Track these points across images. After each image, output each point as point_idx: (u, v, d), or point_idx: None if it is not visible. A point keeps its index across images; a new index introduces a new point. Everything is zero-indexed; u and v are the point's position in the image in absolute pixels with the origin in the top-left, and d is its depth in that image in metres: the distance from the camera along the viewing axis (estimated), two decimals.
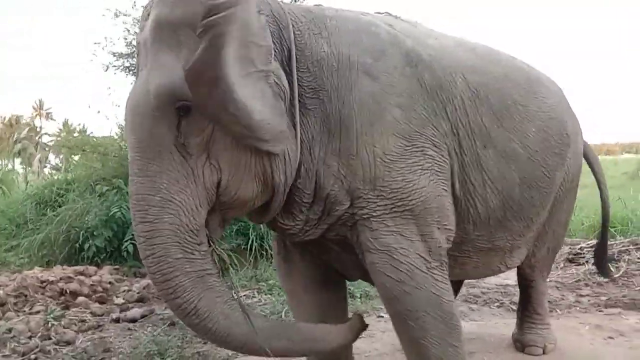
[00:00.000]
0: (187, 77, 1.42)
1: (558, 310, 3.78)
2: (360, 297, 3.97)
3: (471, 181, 1.95)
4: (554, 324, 3.43)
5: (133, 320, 3.50)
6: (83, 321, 3.48)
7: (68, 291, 3.94)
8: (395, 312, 1.83)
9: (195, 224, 1.53)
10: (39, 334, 3.15)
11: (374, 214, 1.73)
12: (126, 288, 4.32)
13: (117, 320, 3.51)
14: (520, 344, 2.80)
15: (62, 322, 3.35)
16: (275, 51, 1.63)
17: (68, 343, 3.08)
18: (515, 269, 2.69)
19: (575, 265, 5.13)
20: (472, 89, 1.97)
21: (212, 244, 1.60)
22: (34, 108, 39.07)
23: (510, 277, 4.79)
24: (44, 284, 3.95)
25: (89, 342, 3.09)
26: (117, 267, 4.82)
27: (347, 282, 2.30)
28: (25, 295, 3.73)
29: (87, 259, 4.82)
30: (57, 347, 3.02)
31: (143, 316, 3.59)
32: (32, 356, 2.86)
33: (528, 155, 2.12)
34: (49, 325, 3.26)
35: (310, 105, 1.70)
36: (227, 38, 1.44)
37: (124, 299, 4.09)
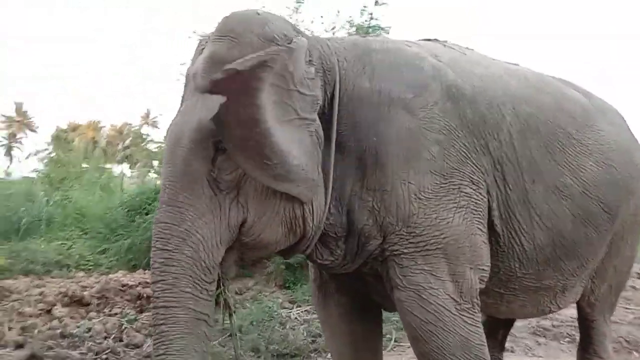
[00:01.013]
0: (217, 118, 1.45)
1: (636, 353, 3.47)
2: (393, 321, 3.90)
3: (516, 217, 1.88)
4: None
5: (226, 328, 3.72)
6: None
7: (145, 295, 4.26)
8: (421, 353, 1.79)
9: (211, 261, 1.53)
10: (113, 336, 3.45)
11: (405, 250, 1.72)
12: None
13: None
14: None
15: (135, 326, 3.64)
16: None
17: (137, 346, 3.34)
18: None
19: None
20: (521, 121, 1.90)
21: (222, 285, 1.62)
22: (141, 117, 42.45)
23: None
24: (125, 287, 4.30)
25: None
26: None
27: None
28: (107, 298, 4.09)
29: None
30: (126, 349, 3.29)
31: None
32: (104, 356, 3.14)
33: (583, 191, 1.99)
34: (123, 327, 3.56)
35: (348, 140, 1.72)
36: (265, 83, 1.48)
37: (234, 304, 4.33)
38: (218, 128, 1.48)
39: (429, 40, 2.18)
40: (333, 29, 6.75)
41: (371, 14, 6.20)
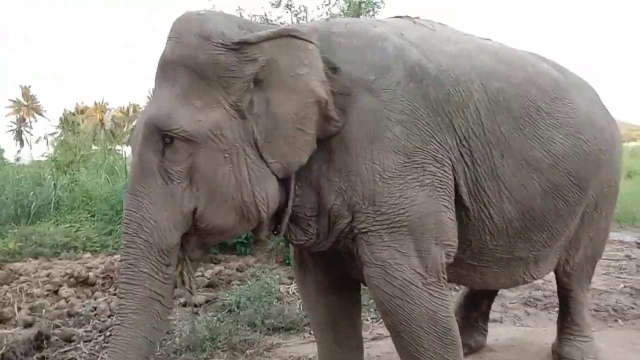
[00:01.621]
0: (165, 112, 1.65)
1: (620, 321, 3.56)
2: None
3: (485, 192, 1.95)
4: (613, 335, 3.28)
5: (196, 305, 3.87)
6: None
7: None
8: (390, 325, 1.90)
9: (166, 245, 1.64)
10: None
11: (372, 228, 1.80)
12: (199, 274, 4.73)
13: (184, 305, 3.90)
14: (557, 356, 2.72)
15: None
16: None
17: None
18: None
19: None
20: (490, 97, 1.94)
21: (183, 266, 1.75)
22: (147, 98, 42.53)
23: None
24: None
25: None
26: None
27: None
28: (111, 278, 4.23)
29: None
30: None
31: (207, 301, 3.96)
32: (107, 333, 3.29)
33: (553, 164, 2.05)
34: None
35: None
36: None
37: (196, 284, 4.49)
38: (167, 122, 1.62)
39: (400, 17, 2.22)
40: (327, 4, 6.75)
41: None
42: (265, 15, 6.55)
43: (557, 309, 3.83)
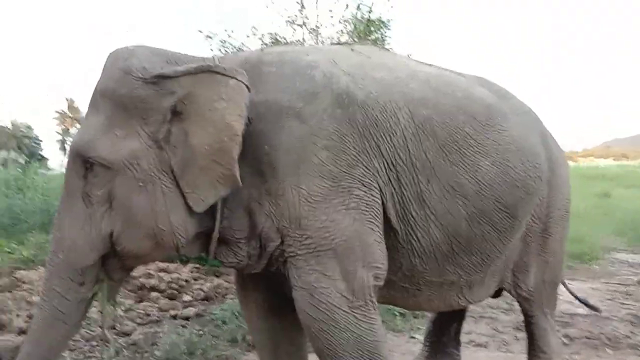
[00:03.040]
0: (86, 139, 1.76)
1: (609, 350, 3.45)
2: (399, 315, 4.01)
3: (412, 215, 1.98)
4: None
5: (187, 318, 3.97)
6: (148, 315, 4.03)
7: (147, 286, 4.55)
8: (316, 349, 1.90)
9: (81, 264, 1.73)
10: (107, 324, 3.73)
11: (299, 252, 1.83)
12: (198, 286, 4.83)
13: (174, 317, 4.01)
14: None
15: (129, 315, 3.93)
16: None
17: (126, 334, 3.61)
18: None
19: None
20: (417, 123, 1.98)
21: (100, 284, 1.81)
22: None
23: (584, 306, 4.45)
24: (128, 278, 4.62)
25: (142, 335, 3.60)
26: (198, 265, 5.37)
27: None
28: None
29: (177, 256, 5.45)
30: (116, 336, 3.56)
31: (197, 315, 4.04)
32: (94, 343, 3.43)
33: (478, 190, 2.06)
34: (117, 316, 3.85)
35: (245, 151, 1.78)
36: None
37: (192, 296, 4.59)
38: (86, 148, 1.73)
39: (338, 44, 2.28)
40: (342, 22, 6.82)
41: (370, 8, 6.21)
42: (276, 34, 6.67)
43: None
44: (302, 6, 6.40)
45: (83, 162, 1.74)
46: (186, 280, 4.89)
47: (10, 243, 5.84)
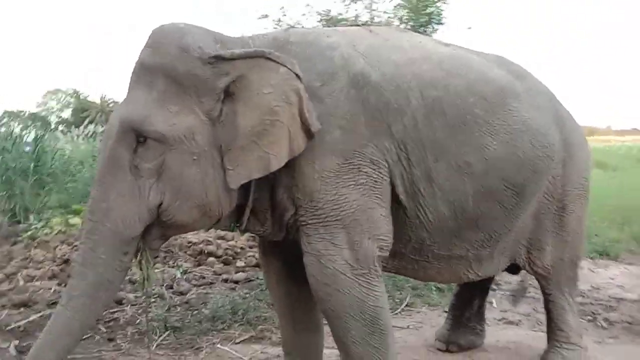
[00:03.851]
0: (141, 114, 1.80)
1: None
2: (436, 290, 4.10)
3: (421, 192, 2.09)
4: (630, 350, 3.12)
5: (237, 282, 4.30)
6: (203, 277, 4.41)
7: (205, 251, 4.95)
8: (323, 311, 2.10)
9: (128, 234, 1.80)
10: (166, 284, 4.15)
11: (310, 221, 1.98)
12: (252, 254, 5.17)
13: (226, 280, 4.35)
14: None
15: (186, 277, 4.32)
16: None
17: (182, 293, 4.01)
18: None
19: None
20: (427, 104, 2.07)
21: (142, 255, 1.89)
22: None
23: (636, 290, 4.33)
24: (190, 244, 5.01)
25: (195, 295, 3.97)
26: (253, 235, 5.71)
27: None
28: (172, 252, 4.83)
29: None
30: (172, 295, 3.96)
31: (246, 279, 4.37)
32: (152, 300, 3.84)
33: (485, 169, 2.14)
34: (175, 277, 4.26)
35: None
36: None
37: (244, 262, 4.93)
38: (142, 123, 1.79)
39: (357, 25, 2.37)
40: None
41: None
42: (329, 11, 6.73)
43: (588, 317, 3.78)
44: None
45: (136, 136, 1.80)
46: (241, 248, 5.23)
47: None
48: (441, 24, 6.72)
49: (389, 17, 6.66)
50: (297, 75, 1.88)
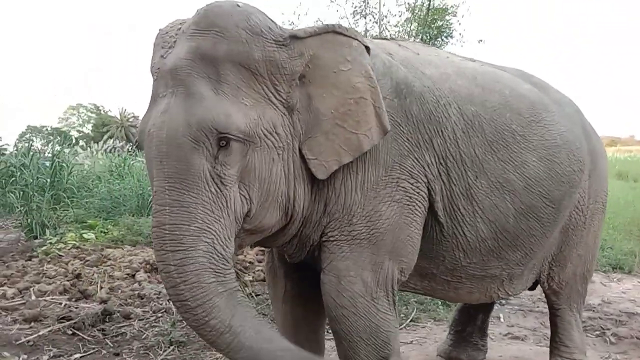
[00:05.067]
0: (225, 116, 1.54)
1: None
2: (442, 305, 4.08)
3: (460, 210, 2.00)
4: None
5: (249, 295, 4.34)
6: None
7: None
8: (334, 330, 1.97)
9: (228, 252, 1.57)
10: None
11: (338, 237, 1.84)
12: (260, 268, 5.20)
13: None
14: None
15: None
16: None
17: None
18: None
19: None
20: (466, 120, 2.01)
21: (238, 275, 1.80)
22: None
23: None
24: None
25: None
26: (262, 249, 5.76)
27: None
28: None
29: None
30: None
31: (253, 294, 4.40)
32: (159, 314, 3.89)
33: (526, 186, 2.10)
34: None
35: None
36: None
37: (252, 277, 4.96)
38: (222, 124, 1.53)
39: (385, 39, 2.35)
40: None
41: None
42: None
43: (597, 332, 3.72)
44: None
45: (217, 140, 1.54)
46: (250, 262, 5.28)
47: (107, 224, 6.64)
48: (451, 36, 6.76)
49: (398, 31, 6.69)
50: (367, 47, 1.78)
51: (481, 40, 9.77)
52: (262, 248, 5.55)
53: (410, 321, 3.81)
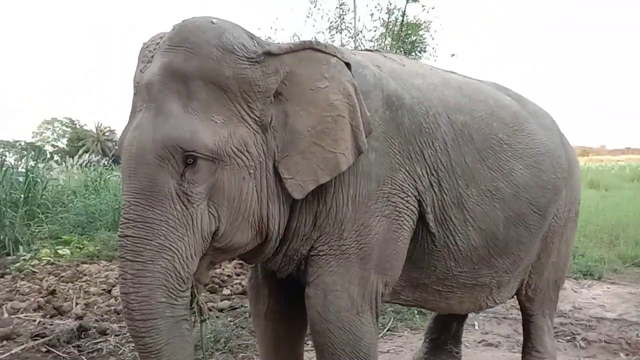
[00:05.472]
0: (194, 134, 1.51)
1: (623, 355, 3.40)
2: (419, 314, 4.14)
3: (452, 219, 2.03)
4: None
5: (221, 310, 4.33)
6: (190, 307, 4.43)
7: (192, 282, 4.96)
8: (317, 343, 1.94)
9: (186, 272, 1.54)
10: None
11: (327, 252, 1.83)
12: (239, 281, 5.20)
13: (210, 309, 4.38)
14: None
15: None
16: None
17: None
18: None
19: None
20: (455, 130, 2.03)
21: (195, 294, 1.66)
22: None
23: (616, 310, 4.37)
24: None
25: None
26: (241, 262, 5.75)
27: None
28: None
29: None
30: None
31: (231, 307, 4.40)
32: None
33: (514, 194, 2.15)
34: None
35: None
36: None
37: (231, 290, 4.95)
38: (192, 142, 1.52)
39: (370, 50, 2.39)
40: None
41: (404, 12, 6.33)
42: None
43: (567, 337, 3.83)
44: (342, 14, 6.60)
45: (184, 158, 1.53)
46: (228, 275, 5.28)
47: (83, 240, 6.56)
48: (424, 51, 6.93)
49: (373, 46, 6.83)
50: (347, 63, 1.75)
51: (454, 55, 10.08)
52: (240, 262, 5.69)
53: (387, 330, 3.86)
